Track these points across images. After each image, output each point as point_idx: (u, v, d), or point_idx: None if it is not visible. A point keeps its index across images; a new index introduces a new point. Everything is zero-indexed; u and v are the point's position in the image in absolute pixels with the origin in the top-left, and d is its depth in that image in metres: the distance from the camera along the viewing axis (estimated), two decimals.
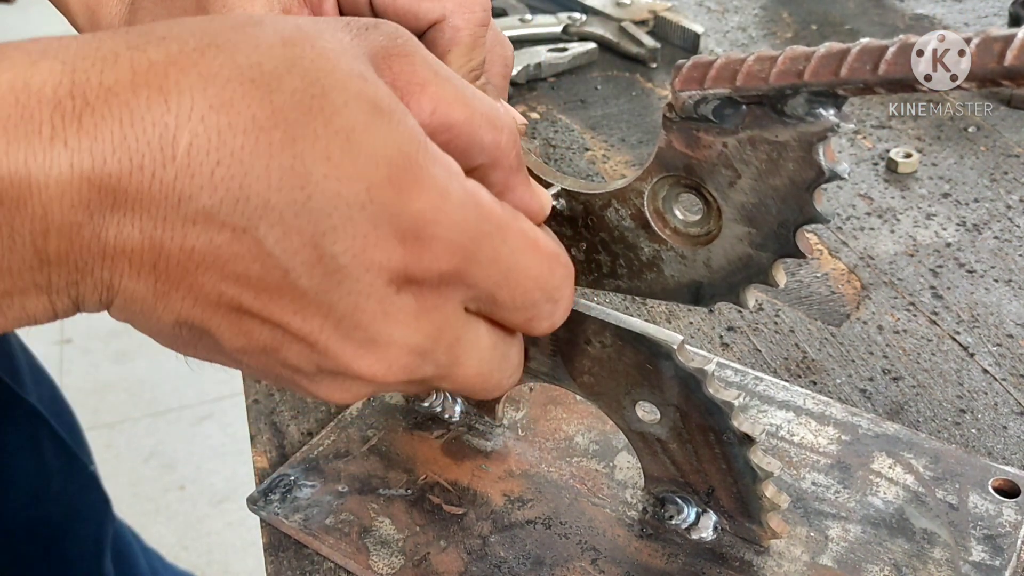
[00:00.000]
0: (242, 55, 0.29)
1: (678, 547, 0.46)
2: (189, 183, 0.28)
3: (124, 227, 0.28)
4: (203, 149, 0.28)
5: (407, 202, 0.30)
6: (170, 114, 0.27)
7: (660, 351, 0.41)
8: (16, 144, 0.26)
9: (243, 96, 0.28)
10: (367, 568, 0.46)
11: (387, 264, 0.30)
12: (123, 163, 0.27)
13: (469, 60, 0.43)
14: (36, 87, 0.27)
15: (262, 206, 0.28)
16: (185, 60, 0.28)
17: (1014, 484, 0.48)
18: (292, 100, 0.28)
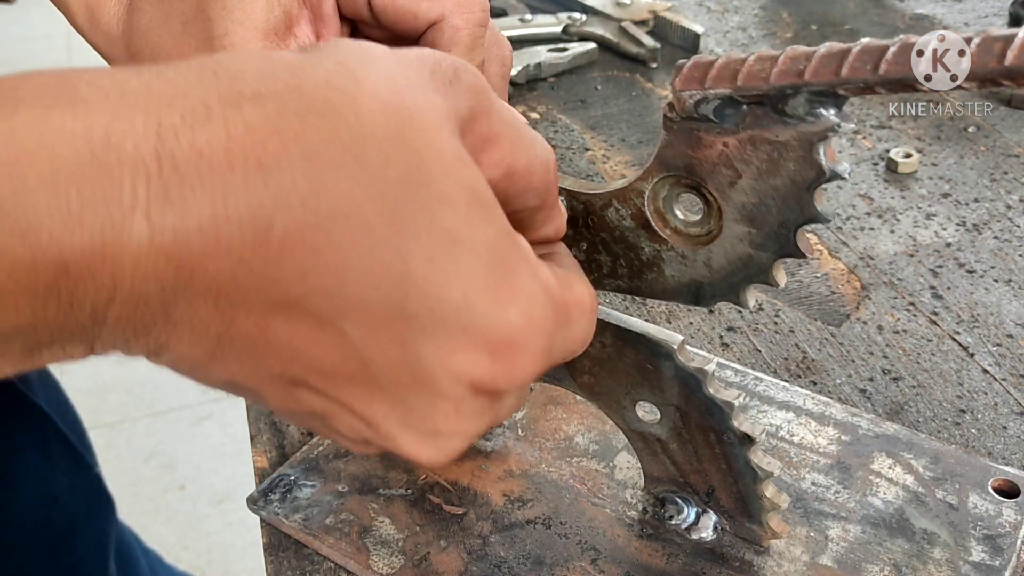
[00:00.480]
0: (345, 127, 0.26)
1: (678, 547, 0.46)
2: (278, 270, 0.25)
3: (196, 305, 0.26)
4: (299, 235, 0.25)
5: (501, 312, 0.28)
6: (267, 195, 0.25)
7: (660, 351, 0.41)
8: (92, 209, 0.23)
9: (347, 178, 0.26)
10: (367, 568, 0.46)
11: (473, 374, 0.29)
12: (208, 242, 0.24)
13: (468, 60, 0.43)
14: (116, 140, 0.24)
15: (355, 301, 0.26)
16: (286, 129, 0.25)
17: (1014, 484, 0.48)
18: (399, 188, 0.26)
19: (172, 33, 0.42)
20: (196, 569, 1.61)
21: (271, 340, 0.27)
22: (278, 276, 0.26)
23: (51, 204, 0.23)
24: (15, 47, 3.17)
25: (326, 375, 0.28)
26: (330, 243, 0.26)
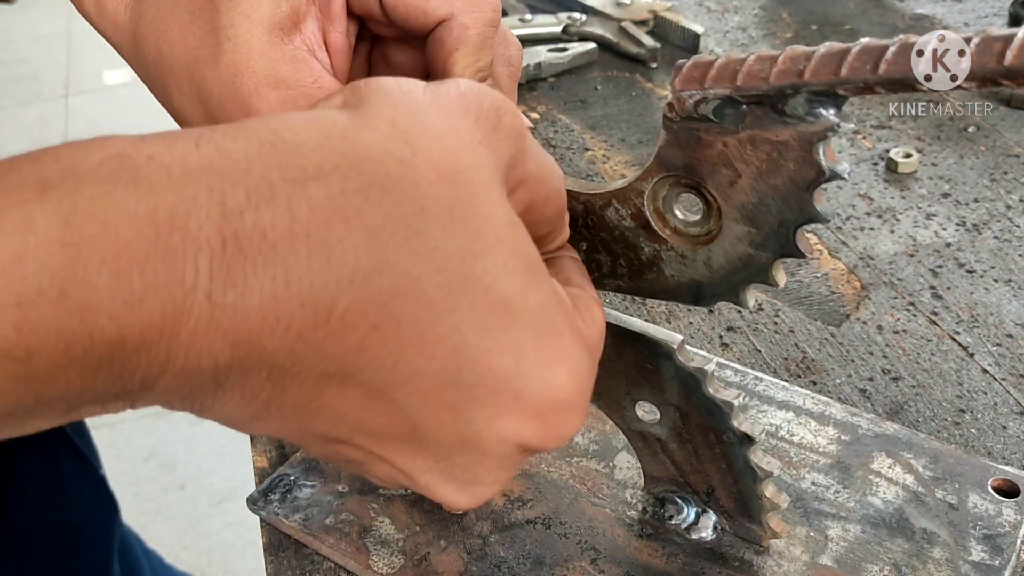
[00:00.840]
0: (406, 200, 0.26)
1: (678, 547, 0.46)
2: (335, 345, 0.26)
3: (249, 378, 0.26)
4: (361, 313, 0.25)
5: (551, 378, 0.29)
6: (331, 275, 0.25)
7: (660, 351, 0.41)
8: (153, 290, 0.23)
9: (409, 254, 0.26)
10: (367, 568, 0.46)
11: (522, 436, 0.29)
12: (267, 321, 0.24)
13: (476, 60, 0.43)
14: (181, 221, 0.23)
15: (409, 373, 0.27)
16: (349, 207, 0.25)
17: (1013, 484, 0.48)
18: (457, 261, 0.26)
19: (179, 22, 0.42)
20: (196, 569, 1.61)
21: (320, 407, 0.27)
22: (335, 351, 0.26)
23: (113, 287, 0.23)
24: (15, 47, 3.18)
25: (371, 435, 0.29)
26: (391, 319, 0.26)
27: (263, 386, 0.26)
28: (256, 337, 0.25)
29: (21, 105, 2.93)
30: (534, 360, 0.28)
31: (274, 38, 0.41)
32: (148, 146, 0.24)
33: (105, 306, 0.23)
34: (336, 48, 0.43)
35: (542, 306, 0.29)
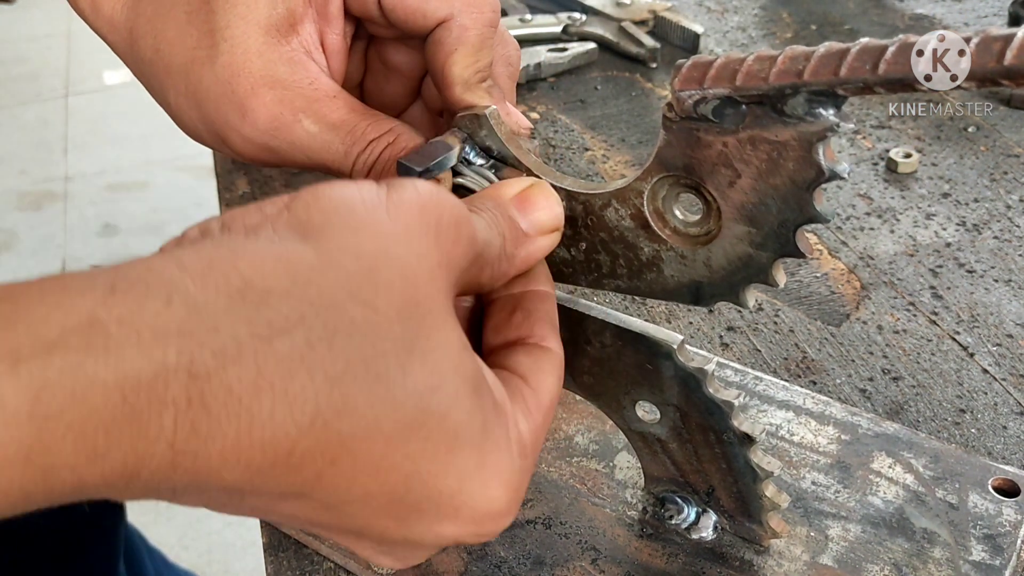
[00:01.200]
0: (368, 344, 0.27)
1: (678, 547, 0.46)
2: (294, 477, 0.27)
3: (208, 494, 0.28)
4: (319, 452, 0.27)
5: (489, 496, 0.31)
6: (292, 422, 0.26)
7: (660, 351, 0.41)
8: (118, 446, 0.24)
9: (368, 398, 0.27)
10: (367, 568, 0.46)
11: (457, 538, 0.32)
12: (227, 461, 0.26)
13: (476, 60, 0.43)
14: (148, 384, 0.24)
15: (361, 495, 0.28)
16: (313, 358, 0.26)
17: (1014, 483, 0.48)
18: (414, 398, 0.28)
19: (176, 22, 0.42)
20: (196, 569, 1.61)
21: (277, 511, 0.29)
22: (293, 480, 0.27)
23: (77, 448, 0.24)
24: (15, 47, 3.18)
25: (321, 527, 0.31)
26: (348, 455, 0.27)
27: (222, 500, 0.28)
28: (216, 472, 0.26)
29: (21, 105, 2.93)
30: (476, 479, 0.30)
31: (271, 39, 0.41)
32: (118, 306, 0.25)
33: (68, 463, 0.24)
34: (333, 49, 0.43)
35: (484, 425, 0.30)
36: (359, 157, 0.42)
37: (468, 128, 0.42)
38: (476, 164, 0.42)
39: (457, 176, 0.42)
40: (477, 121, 0.42)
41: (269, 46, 0.41)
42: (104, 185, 2.57)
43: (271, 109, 0.41)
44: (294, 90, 0.41)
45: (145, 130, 2.63)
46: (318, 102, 0.41)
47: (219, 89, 0.41)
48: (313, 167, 0.43)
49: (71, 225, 2.43)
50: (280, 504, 0.29)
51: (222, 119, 0.42)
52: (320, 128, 0.41)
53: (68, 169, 2.64)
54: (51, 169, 2.64)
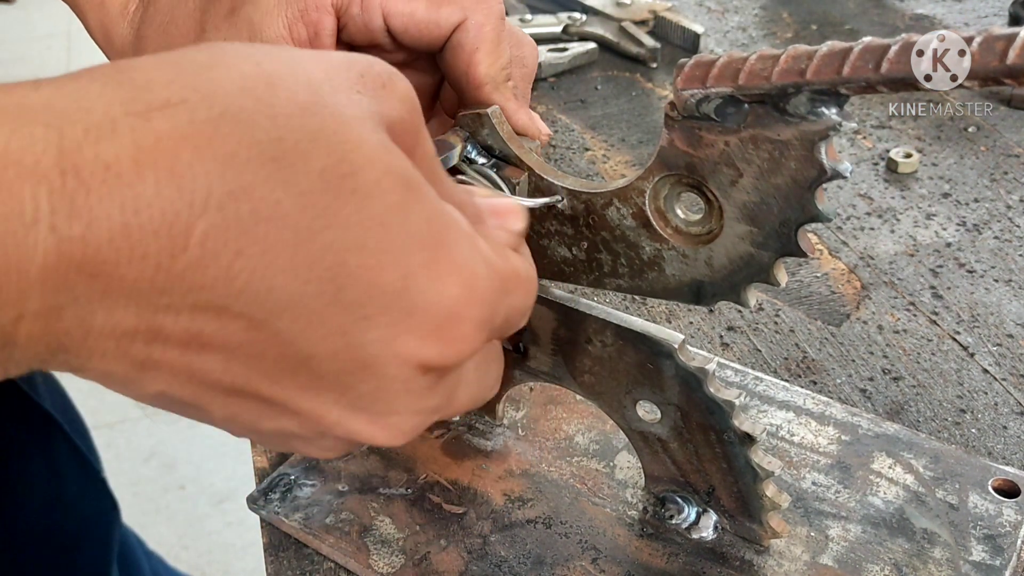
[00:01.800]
0: (260, 129, 0.25)
1: (678, 547, 0.46)
2: (202, 275, 0.25)
3: (116, 313, 0.25)
4: (220, 240, 0.25)
5: (441, 290, 0.28)
6: (182, 201, 0.24)
7: (661, 350, 0.41)
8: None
9: (266, 179, 0.25)
10: (367, 567, 0.46)
11: (420, 354, 0.28)
12: (122, 252, 0.24)
13: (498, 58, 0.43)
14: (15, 156, 0.23)
15: (286, 299, 0.26)
16: (198, 136, 0.25)
17: (1014, 484, 0.48)
18: (321, 182, 0.26)
19: None
20: (196, 569, 1.61)
21: (203, 344, 0.26)
22: (202, 281, 0.25)
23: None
24: (15, 47, 3.18)
25: (266, 375, 0.28)
26: (254, 244, 0.25)
27: (135, 323, 0.25)
28: (113, 268, 0.24)
29: None
30: (423, 275, 0.27)
31: None
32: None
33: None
34: None
35: (426, 221, 0.28)
36: None
37: (470, 127, 0.42)
38: (478, 163, 0.42)
39: (459, 175, 0.42)
40: (479, 120, 0.42)
41: None
42: None
43: None
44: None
45: None
46: None
47: None
48: None
49: None
50: (204, 330, 0.26)
51: None
52: None
53: None
54: None
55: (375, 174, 0.27)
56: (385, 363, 0.28)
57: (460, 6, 0.42)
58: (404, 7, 0.42)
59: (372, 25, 0.42)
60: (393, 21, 0.42)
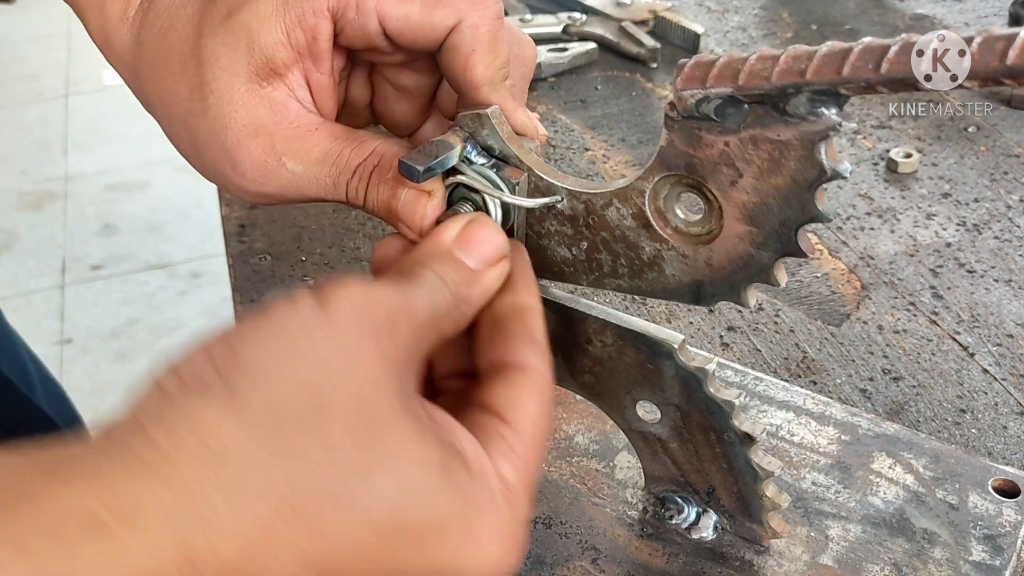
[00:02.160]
0: (331, 479, 0.29)
1: (678, 546, 0.46)
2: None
3: None
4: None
5: (488, 555, 0.32)
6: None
7: (661, 350, 0.41)
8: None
9: (342, 531, 0.29)
10: None
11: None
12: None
13: (495, 59, 0.43)
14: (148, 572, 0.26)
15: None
16: (288, 513, 0.28)
17: (1014, 484, 0.48)
18: (390, 521, 0.30)
19: (171, 71, 0.43)
20: None
21: None
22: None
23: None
24: (15, 47, 3.18)
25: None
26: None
27: None
28: None
29: (21, 105, 2.93)
30: (469, 548, 0.32)
31: (253, 86, 0.42)
32: (106, 493, 0.27)
33: None
34: (319, 86, 0.43)
35: (462, 500, 0.32)
36: (348, 185, 0.42)
37: (470, 127, 0.42)
38: (477, 163, 0.42)
39: (459, 175, 0.42)
40: (479, 120, 0.42)
41: (251, 93, 0.42)
42: (104, 185, 2.57)
43: (256, 158, 0.42)
44: (276, 133, 0.42)
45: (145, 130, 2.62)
46: (299, 140, 0.42)
47: (211, 141, 0.42)
48: (310, 201, 0.44)
49: (71, 225, 2.43)
50: None
51: (219, 170, 0.43)
52: (304, 166, 0.42)
53: (68, 169, 2.64)
54: (51, 169, 2.64)
55: (424, 480, 0.31)
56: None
57: (455, 8, 0.42)
58: (398, 10, 0.42)
59: (368, 29, 0.42)
60: (389, 24, 0.42)
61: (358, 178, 0.42)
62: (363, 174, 0.42)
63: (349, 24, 0.42)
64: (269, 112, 0.42)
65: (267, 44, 0.41)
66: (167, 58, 0.43)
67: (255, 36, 0.41)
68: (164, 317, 2.13)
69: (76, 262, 2.31)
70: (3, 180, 2.60)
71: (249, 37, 0.41)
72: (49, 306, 2.18)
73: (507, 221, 0.43)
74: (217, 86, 0.42)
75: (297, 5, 0.41)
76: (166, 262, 2.30)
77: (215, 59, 0.41)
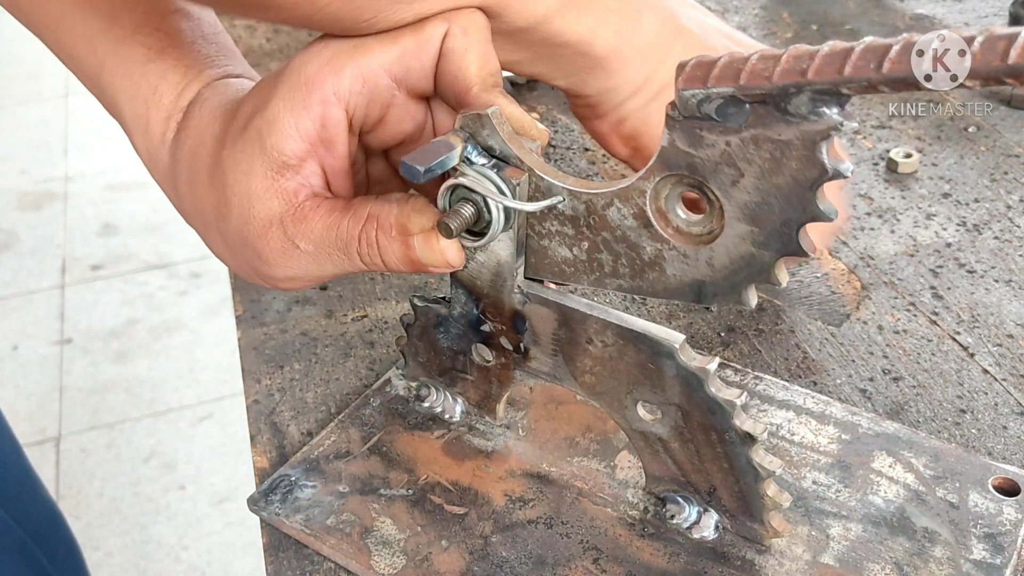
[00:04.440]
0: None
1: (680, 546, 0.46)
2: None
3: None
4: None
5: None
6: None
7: (662, 350, 0.41)
8: None
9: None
10: (369, 568, 0.46)
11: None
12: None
13: (487, 61, 0.44)
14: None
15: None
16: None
17: (1014, 482, 0.48)
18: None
19: (201, 184, 0.46)
20: (196, 569, 1.61)
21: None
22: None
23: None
24: (15, 47, 3.17)
25: None
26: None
27: None
28: None
29: (21, 105, 2.93)
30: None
31: (268, 182, 0.44)
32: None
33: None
34: (334, 171, 0.45)
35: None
36: (360, 253, 0.43)
37: (470, 128, 0.42)
38: (478, 164, 0.42)
39: (459, 176, 0.42)
40: (479, 121, 0.42)
41: (267, 189, 0.44)
42: (104, 185, 2.57)
43: (275, 245, 0.44)
44: (286, 219, 0.44)
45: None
46: (303, 220, 0.44)
47: (238, 239, 0.45)
48: (337, 277, 0.47)
49: (71, 225, 2.43)
50: None
51: (251, 265, 0.46)
52: (313, 244, 0.44)
53: (68, 169, 2.64)
54: (51, 169, 2.64)
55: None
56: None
57: (440, 20, 0.43)
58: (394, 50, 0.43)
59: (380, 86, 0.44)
60: (393, 68, 0.44)
61: (366, 244, 0.43)
62: (368, 240, 0.43)
63: (362, 101, 0.44)
64: (282, 202, 0.44)
65: (277, 141, 0.43)
66: (198, 172, 0.46)
67: (265, 138, 0.43)
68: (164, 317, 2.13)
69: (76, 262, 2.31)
70: (3, 180, 2.60)
71: (261, 140, 0.43)
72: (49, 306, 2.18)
73: (508, 222, 0.43)
74: (238, 189, 0.44)
75: (304, 96, 0.43)
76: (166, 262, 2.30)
77: (235, 165, 0.44)
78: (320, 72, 0.43)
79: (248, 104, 0.45)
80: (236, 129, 0.44)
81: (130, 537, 1.63)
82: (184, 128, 0.47)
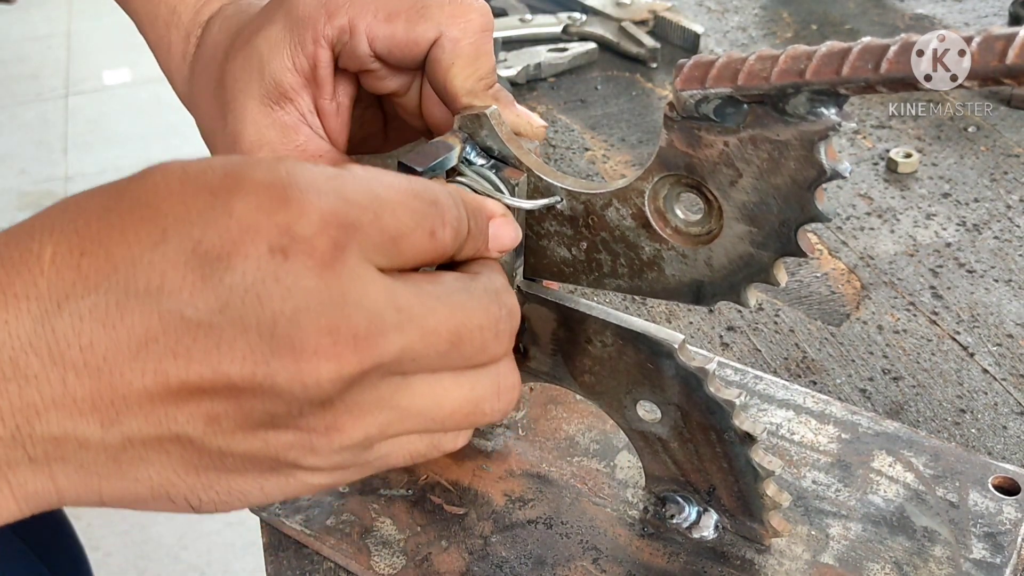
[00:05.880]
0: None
1: (679, 546, 0.46)
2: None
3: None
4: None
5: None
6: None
7: (661, 350, 0.41)
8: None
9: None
10: (368, 568, 0.46)
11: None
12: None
13: (475, 70, 0.44)
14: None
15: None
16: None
17: (1014, 482, 0.48)
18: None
19: (208, 95, 0.48)
20: (196, 569, 1.61)
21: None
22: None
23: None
24: (15, 47, 3.18)
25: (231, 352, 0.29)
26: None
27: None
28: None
29: (21, 105, 2.93)
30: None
31: (264, 108, 0.45)
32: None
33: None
34: (327, 112, 0.46)
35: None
36: None
37: (469, 128, 0.42)
38: (477, 164, 0.42)
39: (458, 176, 0.42)
40: (478, 121, 0.42)
41: (262, 115, 0.45)
42: None
43: None
44: (282, 153, 0.45)
45: (145, 130, 2.63)
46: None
47: (229, 153, 0.46)
48: None
49: None
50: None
51: None
52: None
53: (68, 169, 2.64)
54: (51, 169, 2.64)
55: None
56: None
57: (436, 22, 0.44)
58: (385, 29, 0.44)
59: (359, 52, 0.45)
60: (377, 45, 0.45)
61: None
62: None
63: (344, 49, 0.45)
64: (279, 134, 0.44)
65: (276, 69, 0.44)
66: (207, 84, 0.48)
67: (265, 61, 0.44)
68: None
69: None
70: (3, 180, 2.60)
71: (260, 61, 0.44)
72: None
73: None
74: (234, 105, 0.45)
75: (299, 32, 0.44)
76: None
77: (233, 81, 0.45)
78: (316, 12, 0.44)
79: (253, 24, 0.46)
80: (240, 42, 0.46)
81: (130, 537, 1.63)
82: (203, 43, 0.49)
